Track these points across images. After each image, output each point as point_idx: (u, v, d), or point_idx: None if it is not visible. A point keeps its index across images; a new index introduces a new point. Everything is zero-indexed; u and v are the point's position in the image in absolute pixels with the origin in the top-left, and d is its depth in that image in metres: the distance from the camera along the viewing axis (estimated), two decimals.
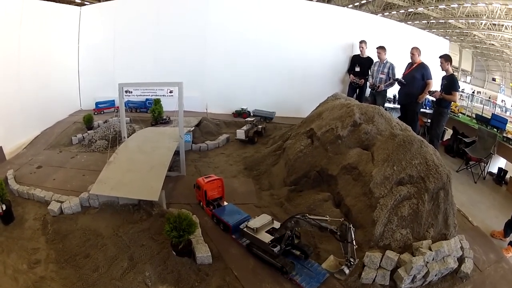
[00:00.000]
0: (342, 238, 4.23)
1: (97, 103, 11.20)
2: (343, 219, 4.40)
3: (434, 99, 9.89)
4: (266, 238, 4.92)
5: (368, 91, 11.53)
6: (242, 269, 4.87)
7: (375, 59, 10.95)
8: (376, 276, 4.65)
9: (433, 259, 4.76)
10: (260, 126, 9.80)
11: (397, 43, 11.70)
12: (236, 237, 5.45)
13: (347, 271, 4.24)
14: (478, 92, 43.01)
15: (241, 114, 11.21)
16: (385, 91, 10.91)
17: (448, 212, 5.35)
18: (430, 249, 4.81)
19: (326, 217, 4.59)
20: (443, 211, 5.30)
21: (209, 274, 4.73)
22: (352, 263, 4.23)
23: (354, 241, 4.20)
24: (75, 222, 5.63)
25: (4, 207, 5.55)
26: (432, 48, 11.99)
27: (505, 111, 30.38)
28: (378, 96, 10.84)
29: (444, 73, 9.53)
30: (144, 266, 4.73)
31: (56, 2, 10.70)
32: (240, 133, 9.23)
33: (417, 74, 9.61)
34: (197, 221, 5.44)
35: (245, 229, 5.16)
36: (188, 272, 4.68)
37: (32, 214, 5.88)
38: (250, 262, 5.01)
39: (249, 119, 9.94)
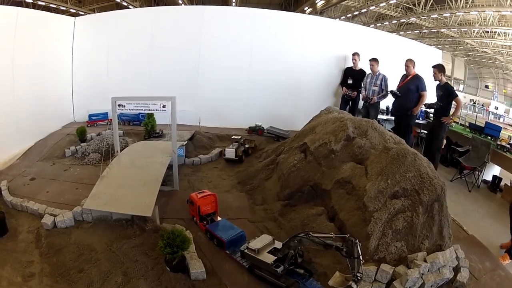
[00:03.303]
0: (349, 254, 4.20)
1: (90, 115, 11.16)
2: (348, 235, 4.36)
3: (432, 110, 9.91)
4: (269, 258, 4.86)
5: (361, 103, 11.55)
6: (236, 284, 4.84)
7: (368, 71, 10.98)
8: None
9: (428, 271, 4.72)
10: (247, 146, 9.52)
11: (390, 54, 11.81)
12: (230, 252, 5.42)
13: (355, 286, 4.20)
14: (472, 100, 43.39)
15: (256, 130, 10.97)
16: (378, 103, 10.95)
17: (442, 223, 5.32)
18: (425, 260, 4.78)
19: (331, 234, 4.58)
20: (437, 223, 5.27)
21: None
22: (359, 278, 4.20)
23: (361, 256, 4.17)
24: (69, 236, 5.61)
25: None
26: (424, 58, 12.07)
27: (499, 118, 30.65)
28: (371, 108, 10.88)
29: (437, 83, 9.58)
30: (138, 282, 4.68)
31: (50, 12, 10.72)
32: (230, 152, 8.95)
33: (411, 86, 9.64)
34: (191, 236, 5.40)
35: (246, 251, 5.09)
36: None
37: (26, 226, 5.86)
38: (244, 278, 4.98)
39: (235, 137, 9.71)
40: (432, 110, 9.99)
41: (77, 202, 6.24)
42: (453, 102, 9.37)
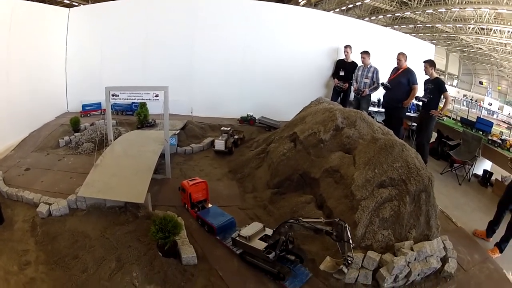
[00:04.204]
0: (339, 238, 4.31)
1: (83, 106, 11.16)
2: (338, 219, 4.45)
3: (421, 103, 10.02)
4: (260, 245, 4.94)
5: (352, 95, 11.65)
6: (226, 269, 4.96)
7: (360, 63, 11.08)
8: (358, 275, 4.73)
9: (415, 259, 4.84)
10: (236, 137, 9.57)
11: (382, 47, 11.90)
12: (221, 238, 5.54)
13: (346, 270, 4.32)
14: (465, 95, 43.55)
15: (248, 120, 11.10)
16: (369, 95, 11.04)
17: (430, 213, 5.44)
18: (412, 249, 4.89)
19: (321, 218, 4.68)
20: (424, 213, 5.39)
21: (194, 274, 4.81)
22: (350, 262, 4.30)
23: (350, 240, 4.28)
24: (63, 224, 5.67)
25: None
26: (417, 52, 12.18)
27: (492, 114, 30.83)
28: (363, 100, 10.97)
29: (426, 77, 9.70)
30: (131, 267, 4.79)
31: (45, 2, 10.66)
32: (220, 144, 8.93)
33: (403, 79, 9.76)
34: (182, 222, 5.49)
35: (237, 238, 5.17)
36: (174, 273, 4.76)
37: (21, 216, 5.90)
38: (234, 263, 5.09)
39: (224, 128, 9.59)
40: (421, 103, 10.08)
41: (72, 191, 6.30)
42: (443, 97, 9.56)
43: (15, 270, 4.77)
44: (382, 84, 10.25)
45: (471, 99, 39.39)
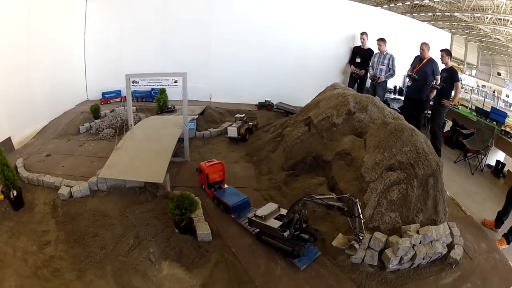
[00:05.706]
0: (350, 213, 4.46)
1: (103, 93, 11.39)
2: (349, 194, 4.59)
3: (434, 90, 10.02)
4: (275, 224, 5.08)
5: (369, 81, 11.69)
6: (239, 246, 5.18)
7: (376, 50, 11.11)
8: (365, 256, 4.88)
9: (420, 242, 4.95)
10: (251, 123, 9.63)
11: (398, 35, 11.94)
12: (235, 217, 5.75)
13: (357, 246, 4.50)
14: (483, 86, 42.73)
15: (266, 106, 11.25)
16: (386, 82, 11.08)
17: (437, 198, 5.52)
18: (418, 232, 4.99)
19: (332, 194, 4.83)
20: (432, 197, 5.48)
21: (208, 250, 5.04)
22: (361, 238, 4.47)
23: (361, 215, 4.42)
24: (84, 204, 5.91)
25: (15, 192, 5.80)
26: (434, 40, 12.12)
27: (510, 106, 30.23)
28: (379, 87, 11.01)
29: (443, 66, 9.71)
30: (148, 243, 5.04)
31: None
32: (232, 131, 8.98)
33: (428, 69, 9.72)
34: (199, 201, 5.73)
35: (253, 218, 5.31)
36: (189, 249, 5.00)
37: (42, 199, 6.14)
38: (247, 241, 5.31)
39: (238, 115, 9.70)
40: (435, 90, 10.08)
41: (92, 174, 6.52)
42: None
43: (34, 250, 5.01)
44: (409, 75, 10.19)
45: (494, 92, 38.59)
